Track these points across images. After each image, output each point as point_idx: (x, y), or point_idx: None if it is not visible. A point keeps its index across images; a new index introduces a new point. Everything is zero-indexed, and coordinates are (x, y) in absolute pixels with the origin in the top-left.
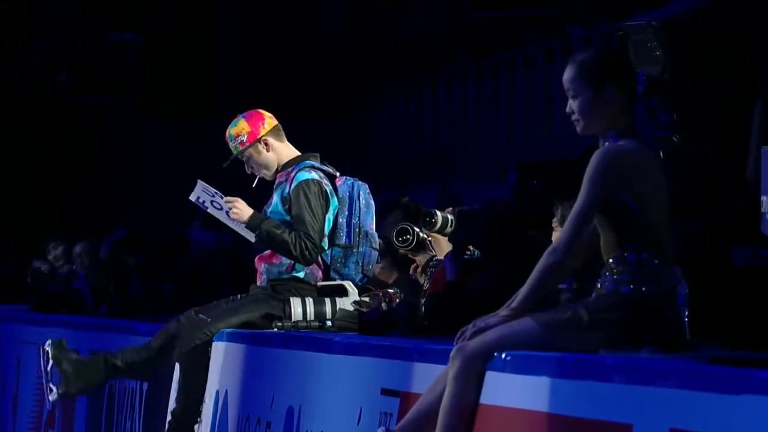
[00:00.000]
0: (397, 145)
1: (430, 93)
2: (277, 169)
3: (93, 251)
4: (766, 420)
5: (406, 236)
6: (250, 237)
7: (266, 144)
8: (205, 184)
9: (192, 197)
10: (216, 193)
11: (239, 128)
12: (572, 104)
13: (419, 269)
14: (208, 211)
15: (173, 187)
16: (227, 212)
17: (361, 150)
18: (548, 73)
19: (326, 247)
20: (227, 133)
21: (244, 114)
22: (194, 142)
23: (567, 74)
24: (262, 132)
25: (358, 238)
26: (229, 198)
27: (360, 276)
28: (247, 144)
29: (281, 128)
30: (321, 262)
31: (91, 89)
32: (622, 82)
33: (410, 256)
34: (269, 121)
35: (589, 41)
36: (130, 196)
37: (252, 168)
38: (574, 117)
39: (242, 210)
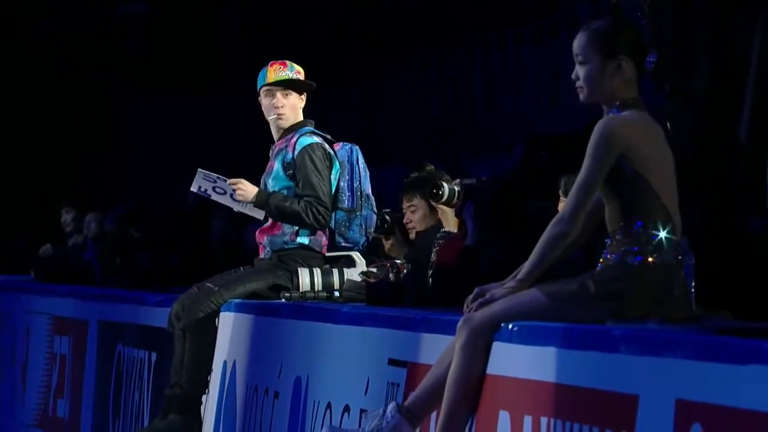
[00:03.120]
0: (405, 120)
1: (437, 68)
2: (273, 135)
3: (102, 223)
4: None
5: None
6: (258, 215)
7: (303, 98)
8: (205, 171)
9: (193, 188)
10: (218, 177)
11: (299, 67)
12: (579, 71)
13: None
14: (212, 198)
15: (179, 161)
16: (231, 195)
17: (368, 124)
18: (557, 47)
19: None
20: (288, 63)
21: None
22: (199, 116)
23: (578, 40)
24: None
25: (360, 201)
26: (232, 180)
27: (363, 239)
28: (303, 81)
29: None
30: None
31: (95, 64)
32: (633, 54)
33: (383, 239)
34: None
35: (598, 14)
36: (136, 170)
37: (281, 105)
38: (579, 84)
39: (247, 190)
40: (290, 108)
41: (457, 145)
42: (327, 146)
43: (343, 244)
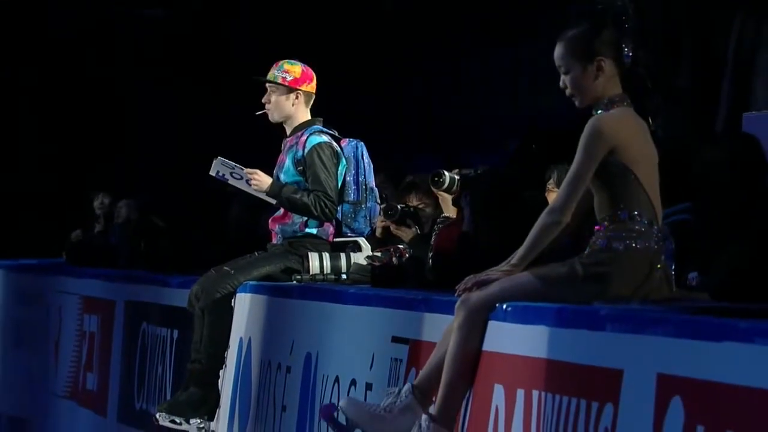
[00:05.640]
0: (403, 114)
1: (436, 63)
2: (286, 131)
3: (132, 209)
4: (744, 365)
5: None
6: (272, 200)
7: (296, 98)
8: (223, 159)
9: (212, 172)
10: (236, 165)
11: (293, 69)
12: (565, 80)
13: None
14: (229, 182)
15: (195, 153)
16: (248, 181)
17: (367, 119)
18: (554, 44)
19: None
20: (280, 62)
21: (304, 64)
22: (215, 113)
23: (557, 51)
24: (303, 88)
25: (365, 194)
26: (249, 170)
27: (368, 229)
28: (286, 85)
29: (313, 99)
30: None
31: (114, 63)
32: (610, 52)
33: (395, 231)
34: (313, 85)
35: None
36: (154, 161)
37: (269, 102)
38: (568, 92)
39: (262, 180)
40: (274, 105)
41: (455, 140)
42: (335, 144)
43: (349, 234)
